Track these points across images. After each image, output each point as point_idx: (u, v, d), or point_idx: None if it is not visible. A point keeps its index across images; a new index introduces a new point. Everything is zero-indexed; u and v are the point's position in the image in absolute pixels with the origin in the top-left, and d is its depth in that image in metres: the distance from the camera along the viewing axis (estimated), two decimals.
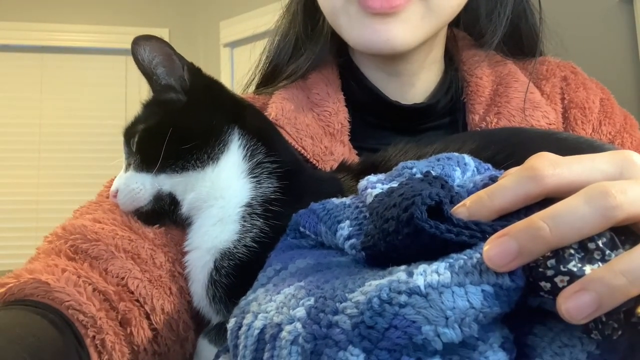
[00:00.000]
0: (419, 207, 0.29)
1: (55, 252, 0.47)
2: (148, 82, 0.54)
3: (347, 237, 0.36)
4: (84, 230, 0.48)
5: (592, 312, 0.23)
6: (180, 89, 0.53)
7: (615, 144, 0.63)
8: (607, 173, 0.28)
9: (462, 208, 0.30)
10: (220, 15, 2.97)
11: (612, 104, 0.66)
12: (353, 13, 0.56)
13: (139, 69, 0.53)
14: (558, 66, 0.68)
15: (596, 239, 0.25)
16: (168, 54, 0.53)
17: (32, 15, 2.93)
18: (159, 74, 0.53)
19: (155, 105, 0.54)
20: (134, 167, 0.51)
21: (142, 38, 0.51)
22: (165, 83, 0.53)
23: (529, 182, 0.28)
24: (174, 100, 0.53)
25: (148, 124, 0.52)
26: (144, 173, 0.50)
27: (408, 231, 0.29)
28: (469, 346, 0.25)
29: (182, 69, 0.53)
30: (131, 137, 0.52)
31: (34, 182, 2.89)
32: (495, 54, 0.67)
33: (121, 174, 0.53)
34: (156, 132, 0.51)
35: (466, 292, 0.25)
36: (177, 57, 0.53)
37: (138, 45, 0.52)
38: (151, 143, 0.51)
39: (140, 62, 0.52)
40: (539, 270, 0.25)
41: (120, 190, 0.51)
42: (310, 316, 0.29)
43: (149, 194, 0.50)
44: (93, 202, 0.56)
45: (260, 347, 0.31)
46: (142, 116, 0.54)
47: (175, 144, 0.49)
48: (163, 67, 0.53)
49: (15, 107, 2.92)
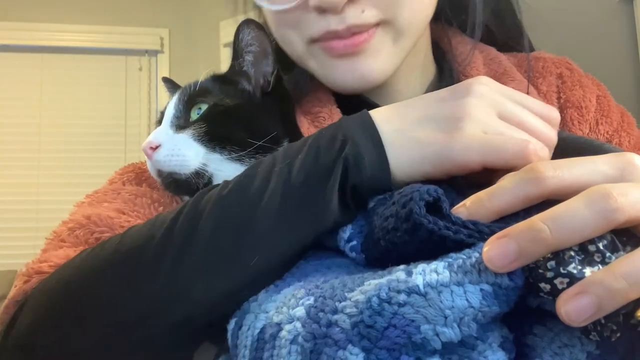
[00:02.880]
0: (417, 202, 0.29)
1: (80, 242, 0.47)
2: (232, 57, 0.53)
3: (347, 240, 0.36)
4: (110, 222, 0.47)
5: (592, 315, 0.23)
6: (255, 83, 0.53)
7: (613, 143, 0.62)
8: (608, 175, 0.28)
9: (462, 208, 0.30)
10: (220, 15, 2.97)
11: (608, 101, 0.65)
12: (319, 56, 0.54)
13: (233, 45, 0.52)
14: (553, 63, 0.66)
15: (597, 241, 0.25)
16: (267, 51, 0.52)
17: (32, 15, 2.92)
18: (246, 60, 0.52)
19: (230, 85, 0.53)
20: (193, 135, 0.49)
21: (254, 23, 0.51)
22: (245, 70, 0.53)
23: (529, 183, 0.28)
24: (248, 92, 0.52)
25: (223, 102, 0.51)
26: (199, 144, 0.49)
27: (407, 227, 0.29)
28: (468, 345, 0.25)
29: (271, 73, 0.53)
30: (196, 103, 0.50)
31: (34, 182, 2.89)
32: (489, 49, 0.66)
33: (167, 131, 0.50)
34: (230, 115, 0.50)
35: (465, 292, 0.25)
36: (273, 59, 0.52)
37: (248, 26, 0.51)
38: (223, 122, 0.50)
39: (239, 41, 0.52)
40: (538, 271, 0.25)
41: (165, 148, 0.48)
42: (309, 315, 0.29)
43: (194, 167, 0.48)
44: (109, 189, 0.55)
45: (260, 347, 0.31)
46: (212, 87, 0.52)
47: (243, 134, 0.48)
48: (254, 57, 0.52)
49: (15, 107, 2.92)
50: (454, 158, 0.36)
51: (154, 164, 0.49)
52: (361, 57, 0.52)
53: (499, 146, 0.35)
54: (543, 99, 0.63)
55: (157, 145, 0.49)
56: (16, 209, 2.86)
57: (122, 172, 0.59)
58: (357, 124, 0.39)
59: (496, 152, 0.35)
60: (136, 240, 0.38)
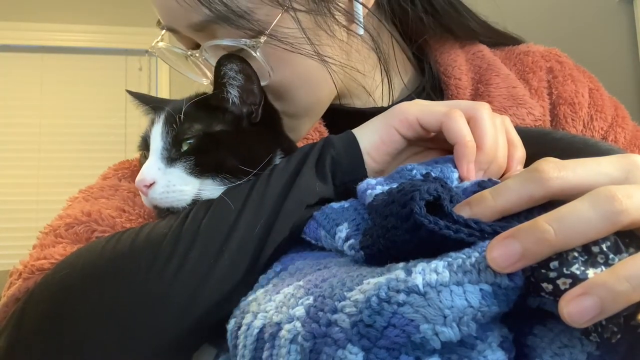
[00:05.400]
0: (417, 202, 0.29)
1: (80, 240, 0.47)
2: (214, 88, 0.51)
3: (345, 239, 0.36)
4: (112, 222, 0.47)
5: (594, 316, 0.23)
6: (241, 113, 0.51)
7: (608, 139, 0.62)
8: (613, 177, 0.28)
9: (465, 206, 0.30)
10: None
11: (601, 95, 0.63)
12: None
13: (214, 78, 0.50)
14: (543, 56, 0.65)
15: (600, 242, 0.25)
16: (252, 83, 0.51)
17: (32, 15, 2.92)
18: (231, 93, 0.51)
19: (216, 110, 0.51)
20: (186, 169, 0.48)
21: (235, 57, 0.49)
22: (231, 99, 0.51)
23: (533, 183, 0.28)
24: (236, 115, 0.51)
25: (212, 130, 0.50)
26: (192, 176, 0.48)
27: (407, 226, 0.29)
28: (467, 345, 0.25)
29: (258, 102, 0.52)
30: (186, 135, 0.49)
31: (34, 182, 2.89)
32: (472, 43, 0.65)
33: (158, 165, 0.49)
34: (221, 143, 0.49)
35: (464, 291, 0.25)
36: (259, 89, 0.51)
37: (230, 61, 0.49)
38: (214, 151, 0.49)
39: (220, 76, 0.50)
40: (541, 271, 0.25)
41: (160, 185, 0.48)
42: (309, 315, 0.29)
43: (191, 198, 0.48)
44: (105, 184, 0.54)
45: (260, 346, 0.31)
46: (198, 115, 0.51)
47: (235, 161, 0.48)
48: (239, 90, 0.51)
49: (15, 107, 2.92)
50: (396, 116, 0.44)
51: (150, 200, 0.48)
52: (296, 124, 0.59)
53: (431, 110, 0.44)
54: (534, 95, 0.62)
55: (151, 182, 0.48)
56: (16, 209, 2.86)
57: (116, 168, 0.59)
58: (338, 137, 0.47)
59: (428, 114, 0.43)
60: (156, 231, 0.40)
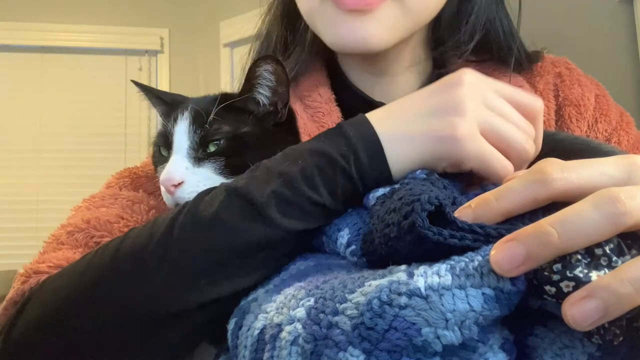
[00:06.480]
0: (419, 214, 0.28)
1: (80, 245, 0.47)
2: (244, 86, 0.53)
3: (347, 245, 0.36)
4: (110, 227, 0.48)
5: (598, 319, 0.23)
6: (267, 112, 0.54)
7: (611, 142, 0.62)
8: (615, 178, 0.28)
9: (468, 209, 0.30)
10: (220, 15, 2.97)
11: (607, 101, 0.64)
12: (328, 12, 0.56)
13: (246, 75, 0.52)
14: (552, 62, 0.66)
15: (603, 244, 0.25)
16: (283, 84, 0.53)
17: (32, 15, 2.92)
18: (261, 92, 0.53)
19: (243, 112, 0.53)
20: (215, 169, 0.49)
21: (272, 59, 0.51)
22: (258, 99, 0.53)
23: (537, 185, 0.28)
24: (260, 117, 0.53)
25: (240, 132, 0.51)
26: (221, 177, 0.49)
27: (411, 239, 0.29)
28: (468, 348, 0.25)
29: (285, 103, 0.54)
30: (213, 138, 0.50)
31: (34, 182, 2.89)
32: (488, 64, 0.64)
33: (185, 164, 0.49)
34: (248, 144, 0.51)
35: (467, 295, 0.25)
36: (287, 90, 0.54)
37: (266, 62, 0.51)
38: (242, 152, 0.50)
39: (255, 75, 0.52)
40: (544, 273, 0.25)
41: (188, 184, 0.48)
42: (310, 317, 0.29)
43: None
44: (106, 193, 0.55)
45: (260, 348, 0.31)
46: (226, 116, 0.52)
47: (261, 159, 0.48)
48: (271, 90, 0.53)
49: (15, 107, 2.92)
50: (449, 158, 0.40)
51: (176, 199, 0.48)
52: (367, 19, 0.54)
53: (488, 161, 0.40)
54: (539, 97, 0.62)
55: (180, 182, 0.48)
56: (16, 209, 2.86)
57: (118, 177, 0.59)
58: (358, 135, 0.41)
59: (487, 165, 0.40)
60: (138, 240, 0.39)
